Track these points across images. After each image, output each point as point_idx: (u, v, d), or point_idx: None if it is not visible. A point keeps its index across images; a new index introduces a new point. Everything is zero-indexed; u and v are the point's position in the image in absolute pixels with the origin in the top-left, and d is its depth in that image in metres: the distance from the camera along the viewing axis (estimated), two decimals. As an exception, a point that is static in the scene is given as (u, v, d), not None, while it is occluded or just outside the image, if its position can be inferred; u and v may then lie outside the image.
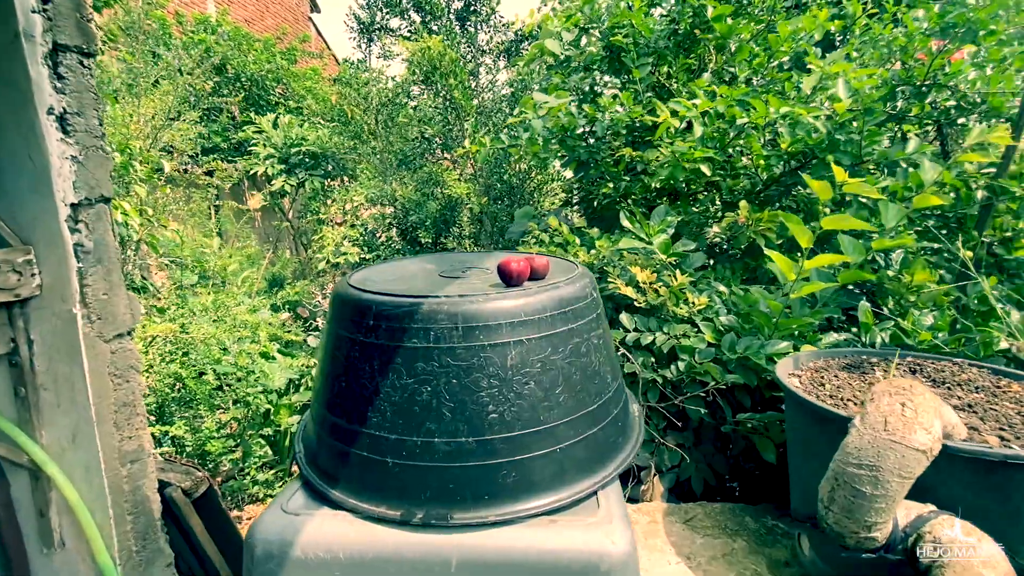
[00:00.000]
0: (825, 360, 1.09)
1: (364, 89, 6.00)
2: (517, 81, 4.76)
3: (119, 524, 0.69)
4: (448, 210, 5.27)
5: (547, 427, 0.72)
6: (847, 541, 0.68)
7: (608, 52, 2.47)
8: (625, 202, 2.91)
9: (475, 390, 0.70)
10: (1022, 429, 0.75)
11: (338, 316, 0.81)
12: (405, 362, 0.70)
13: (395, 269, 0.99)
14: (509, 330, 0.71)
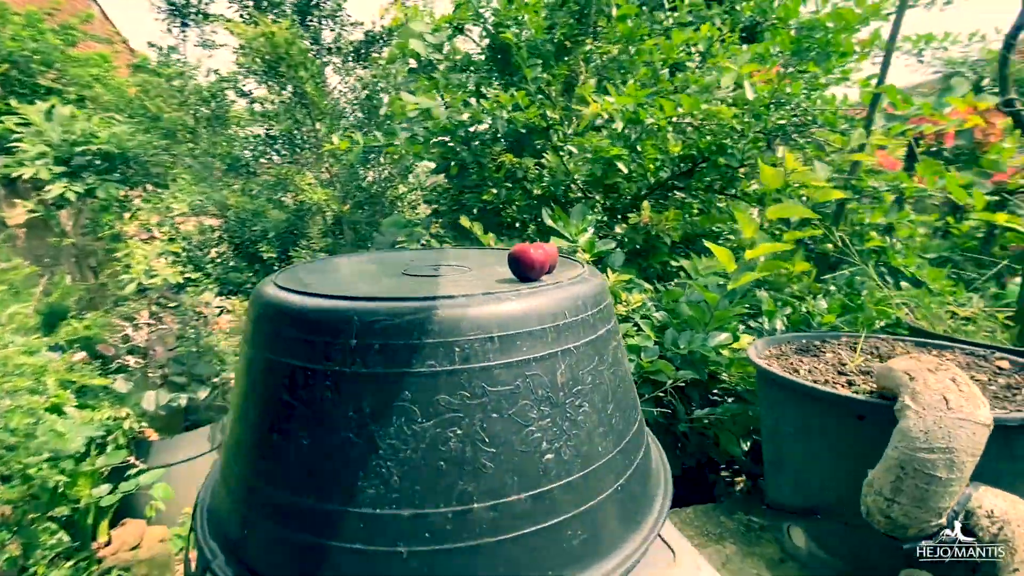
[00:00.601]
0: (777, 347, 1.11)
1: (179, 80, 5.06)
2: (372, 83, 4.44)
3: None
4: (297, 220, 4.68)
5: (607, 459, 0.55)
6: (909, 532, 0.64)
7: (492, 51, 2.39)
8: (508, 209, 2.84)
9: (523, 424, 0.49)
10: (999, 394, 0.81)
11: (276, 338, 0.53)
12: (419, 397, 0.47)
13: (328, 270, 0.72)
14: (555, 337, 0.53)
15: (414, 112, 2.58)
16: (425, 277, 0.66)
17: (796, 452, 0.90)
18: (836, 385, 0.88)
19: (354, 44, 4.78)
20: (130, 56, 8.96)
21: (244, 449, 0.55)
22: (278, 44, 3.19)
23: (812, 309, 1.47)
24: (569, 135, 2.26)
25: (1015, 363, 0.91)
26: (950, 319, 1.32)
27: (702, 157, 1.79)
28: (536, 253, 0.60)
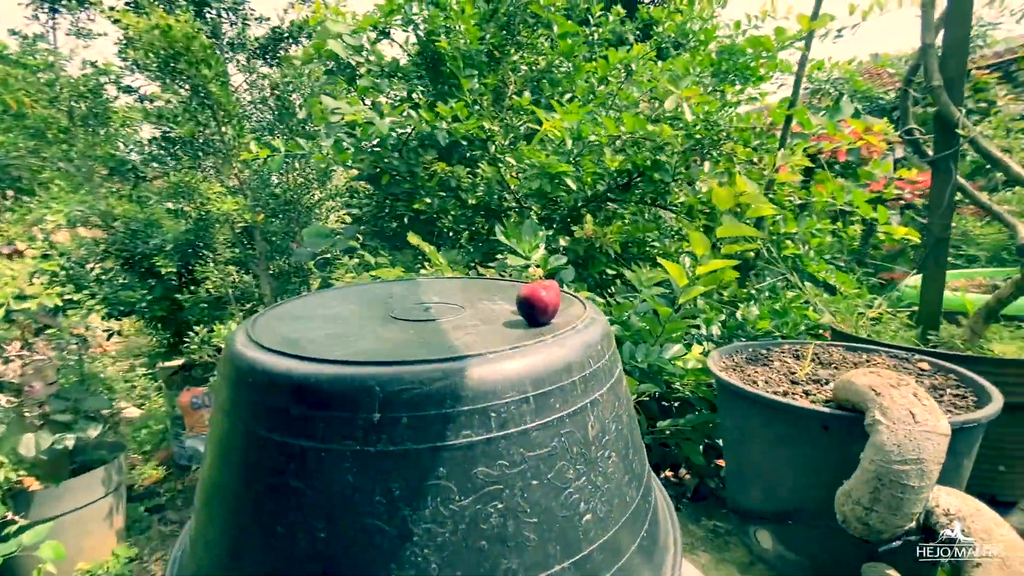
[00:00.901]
0: (730, 357, 1.18)
1: (48, 73, 4.42)
2: (283, 83, 4.14)
3: None
4: (200, 230, 4.27)
5: (633, 508, 0.54)
6: (883, 536, 0.70)
7: (423, 59, 2.32)
8: (443, 219, 2.78)
9: (562, 487, 0.47)
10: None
11: (274, 414, 0.46)
12: (456, 472, 0.43)
13: (305, 316, 0.65)
14: (583, 389, 0.51)
15: (336, 117, 2.44)
16: (423, 322, 0.61)
17: (764, 460, 0.96)
18: (795, 396, 0.95)
19: (260, 40, 4.43)
20: (-27, 39, 7.66)
21: (234, 545, 0.47)
22: (175, 39, 2.87)
23: (746, 315, 1.58)
24: (505, 146, 2.26)
25: (933, 364, 1.04)
26: (862, 320, 1.47)
27: (638, 172, 1.87)
28: (548, 295, 0.57)
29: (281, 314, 0.66)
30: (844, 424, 0.81)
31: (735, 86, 1.89)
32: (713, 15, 2.10)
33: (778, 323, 1.56)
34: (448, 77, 2.39)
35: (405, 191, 2.49)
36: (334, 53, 2.70)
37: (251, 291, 4.46)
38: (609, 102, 2.02)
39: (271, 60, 4.68)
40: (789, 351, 1.18)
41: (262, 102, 4.62)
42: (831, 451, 0.85)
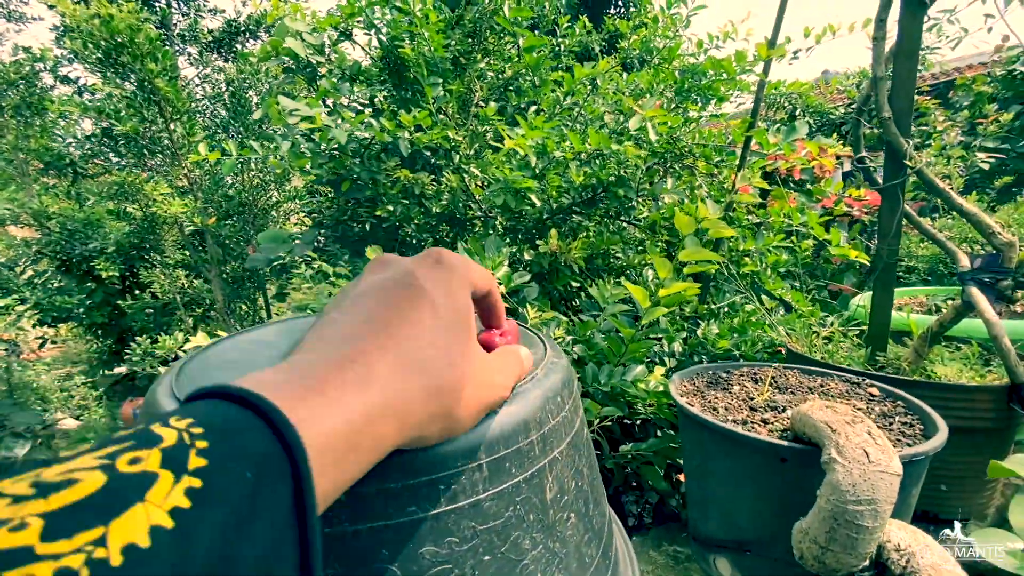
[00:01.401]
0: (691, 380, 1.18)
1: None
2: (238, 79, 3.96)
3: None
4: (146, 231, 4.04)
5: (592, 568, 0.51)
6: (839, 573, 0.71)
7: (385, 63, 2.25)
8: (407, 227, 2.72)
9: (517, 560, 0.44)
10: (879, 423, 0.93)
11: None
12: (400, 554, 0.39)
13: (234, 365, 0.59)
14: (541, 448, 0.48)
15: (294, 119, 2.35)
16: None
17: (723, 489, 0.96)
18: (754, 424, 0.95)
19: (214, 34, 4.24)
20: None
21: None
22: (118, 30, 2.69)
23: (706, 333, 1.60)
24: (471, 156, 2.22)
25: (882, 389, 1.06)
26: (815, 338, 1.51)
27: (602, 187, 1.87)
28: (503, 342, 0.53)
29: (210, 360, 0.60)
30: (801, 457, 0.82)
31: (697, 104, 1.92)
32: (677, 34, 2.13)
33: (737, 341, 1.58)
34: (412, 83, 2.34)
35: (367, 197, 2.42)
36: (293, 52, 2.60)
37: (202, 297, 4.24)
38: (574, 114, 2.01)
39: (226, 54, 4.48)
40: (748, 374, 1.19)
41: (216, 98, 4.42)
42: (788, 482, 0.85)
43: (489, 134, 2.44)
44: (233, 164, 2.12)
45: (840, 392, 1.08)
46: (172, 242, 4.31)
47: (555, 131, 1.66)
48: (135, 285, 4.29)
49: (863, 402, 1.03)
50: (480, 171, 2.21)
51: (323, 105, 2.37)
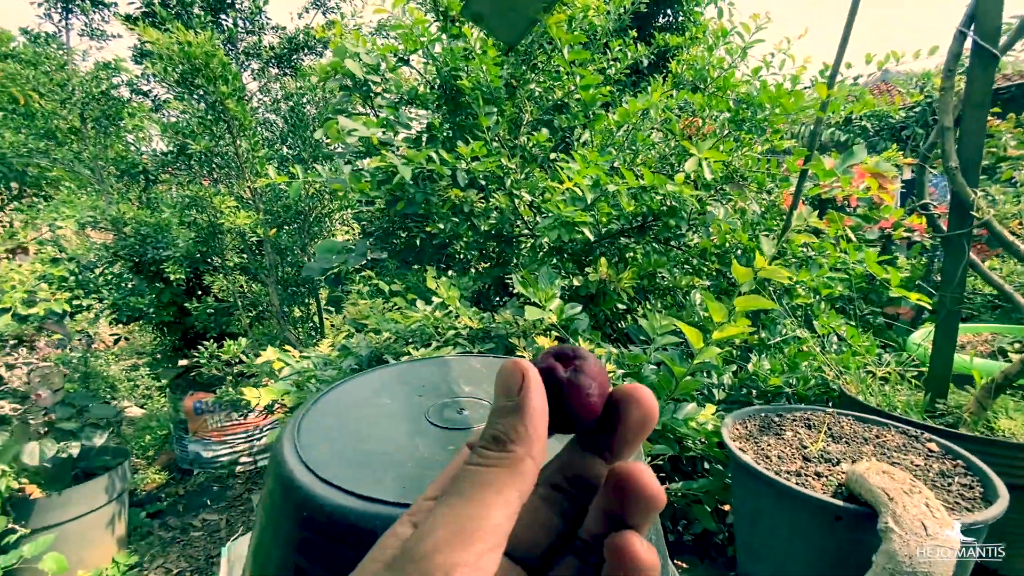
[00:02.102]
0: (743, 424, 1.21)
1: (60, 74, 4.46)
2: (298, 94, 4.18)
3: None
4: (210, 238, 4.30)
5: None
6: (893, 640, 0.73)
7: (443, 91, 2.35)
8: (456, 243, 2.82)
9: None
10: (937, 482, 0.94)
11: (322, 550, 0.49)
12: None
13: (349, 421, 0.68)
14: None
15: (354, 139, 2.48)
16: (457, 431, 0.64)
17: (775, 539, 0.99)
18: (808, 477, 0.98)
19: (275, 50, 4.47)
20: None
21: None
22: (195, 55, 2.90)
23: (758, 368, 1.61)
24: (521, 180, 2.29)
25: (941, 445, 1.06)
26: (870, 379, 1.50)
27: (653, 215, 1.90)
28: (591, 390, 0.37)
29: (326, 411, 0.69)
30: (856, 518, 0.84)
31: (751, 134, 1.92)
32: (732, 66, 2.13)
33: (788, 378, 1.59)
34: (466, 107, 2.42)
35: (420, 215, 2.53)
36: (351, 72, 2.74)
37: (259, 299, 4.48)
38: (626, 144, 2.05)
39: (285, 69, 4.71)
40: (801, 419, 1.21)
41: (275, 111, 4.65)
42: (842, 540, 0.88)
43: (539, 159, 2.51)
44: (299, 187, 2.27)
45: (897, 445, 1.08)
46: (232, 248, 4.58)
47: (607, 164, 1.71)
48: (198, 287, 4.57)
49: (921, 458, 1.03)
50: (529, 193, 2.28)
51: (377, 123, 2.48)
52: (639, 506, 0.22)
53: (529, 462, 0.20)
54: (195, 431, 4.21)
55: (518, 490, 0.20)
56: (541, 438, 0.21)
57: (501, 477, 0.19)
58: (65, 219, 3.88)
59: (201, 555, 3.03)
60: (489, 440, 0.21)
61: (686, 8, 4.55)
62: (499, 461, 0.20)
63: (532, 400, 0.21)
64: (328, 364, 1.70)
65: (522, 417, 0.21)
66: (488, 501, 0.19)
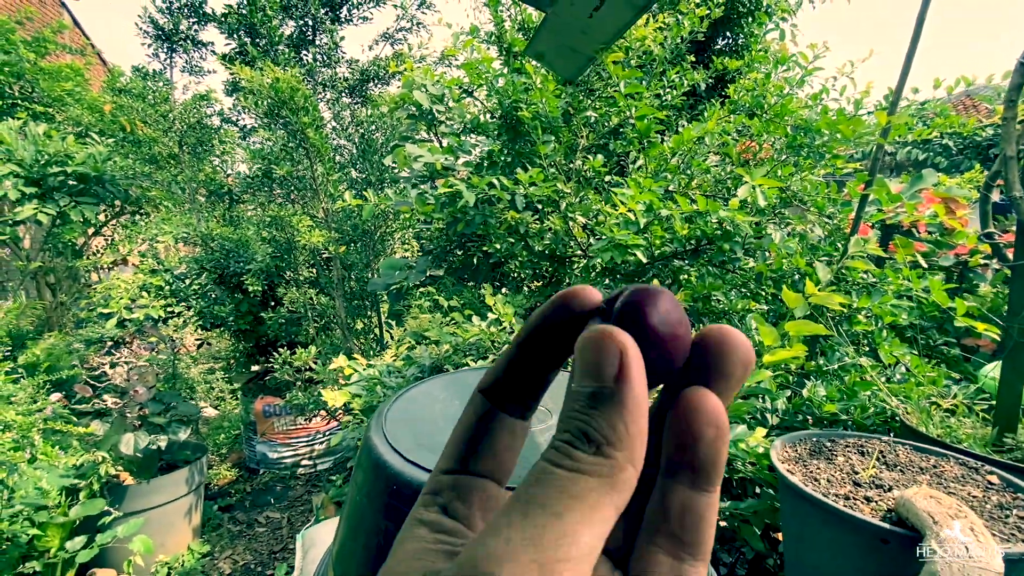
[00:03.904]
0: (793, 447, 1.22)
1: (164, 106, 5.01)
2: (368, 122, 4.50)
3: None
4: (285, 253, 4.66)
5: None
6: (938, 663, 0.74)
7: (503, 120, 2.50)
8: (511, 262, 2.93)
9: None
10: (993, 514, 0.93)
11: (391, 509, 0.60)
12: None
13: (424, 419, 0.79)
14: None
15: (419, 165, 2.66)
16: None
17: (822, 560, 1.00)
18: (856, 501, 0.99)
19: (348, 81, 4.86)
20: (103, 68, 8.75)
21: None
22: (281, 90, 3.23)
23: (812, 395, 1.60)
24: (575, 203, 2.39)
25: (1003, 478, 1.04)
26: (933, 410, 1.46)
27: (707, 239, 1.93)
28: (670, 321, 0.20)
29: (404, 408, 0.80)
30: (902, 541, 0.85)
31: (809, 159, 1.93)
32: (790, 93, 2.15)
33: (846, 405, 1.57)
34: (525, 135, 2.56)
35: (477, 234, 2.67)
36: (418, 102, 2.94)
37: (326, 311, 4.79)
38: (680, 169, 2.10)
39: (357, 98, 5.10)
40: (854, 446, 1.21)
41: (347, 138, 5.02)
42: (888, 564, 0.89)
43: (594, 180, 2.60)
44: (372, 210, 2.47)
45: (955, 476, 1.06)
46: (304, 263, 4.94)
47: (660, 189, 1.77)
48: (271, 299, 4.95)
49: (980, 490, 1.01)
50: (583, 216, 2.36)
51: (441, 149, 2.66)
52: (727, 366, 0.19)
53: (630, 471, 0.17)
54: (263, 433, 4.51)
55: (615, 507, 0.16)
56: (643, 438, 0.17)
57: (596, 489, 0.16)
58: (164, 234, 4.34)
59: (264, 550, 3.24)
60: (578, 436, 0.17)
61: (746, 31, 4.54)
62: (594, 469, 0.16)
63: (636, 388, 0.17)
64: (393, 372, 1.84)
65: (623, 412, 0.17)
66: (579, 518, 0.15)
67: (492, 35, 2.76)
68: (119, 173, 4.95)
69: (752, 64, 2.92)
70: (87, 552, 2.41)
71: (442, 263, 3.51)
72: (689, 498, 0.18)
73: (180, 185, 5.64)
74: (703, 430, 0.18)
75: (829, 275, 1.36)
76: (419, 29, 5.70)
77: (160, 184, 5.01)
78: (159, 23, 5.11)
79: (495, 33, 2.72)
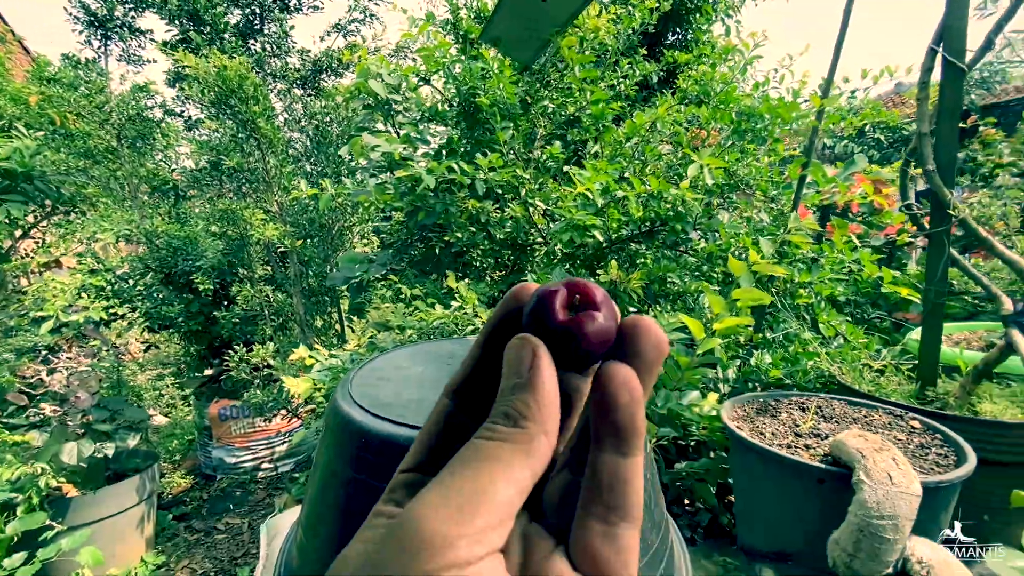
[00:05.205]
0: (742, 407, 1.31)
1: (99, 97, 4.74)
2: (322, 113, 4.40)
3: None
4: (238, 250, 4.51)
5: (653, 551, 0.68)
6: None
7: (461, 108, 2.51)
8: (473, 251, 2.95)
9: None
10: (915, 453, 1.03)
11: (362, 461, 0.61)
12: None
13: (388, 380, 0.80)
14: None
15: (376, 155, 2.64)
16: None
17: (768, 505, 1.08)
18: (797, 449, 1.08)
19: (300, 72, 4.72)
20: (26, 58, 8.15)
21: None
22: (229, 78, 3.12)
23: (759, 362, 1.71)
24: (535, 189, 2.43)
25: (923, 423, 1.15)
26: (865, 371, 1.59)
27: (660, 220, 2.02)
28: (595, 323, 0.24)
29: (369, 374, 0.82)
30: (836, 479, 0.94)
31: (753, 144, 2.04)
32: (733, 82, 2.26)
33: (790, 370, 1.68)
34: (483, 123, 2.59)
35: (438, 224, 2.67)
36: (374, 92, 2.91)
37: (283, 308, 4.67)
38: (634, 154, 2.18)
39: (309, 89, 4.96)
40: (796, 403, 1.31)
41: (300, 130, 4.89)
42: (825, 500, 0.97)
43: (551, 169, 2.65)
44: (329, 199, 2.43)
45: (883, 423, 1.17)
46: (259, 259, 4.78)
47: (616, 172, 1.84)
48: (224, 297, 4.77)
49: (904, 433, 1.12)
50: (543, 203, 2.41)
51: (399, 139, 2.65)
52: (639, 347, 0.21)
53: (543, 439, 0.20)
54: (219, 437, 4.35)
55: (530, 469, 0.19)
56: (554, 415, 0.20)
57: (511, 452, 0.19)
58: (104, 232, 4.11)
59: (224, 556, 3.14)
60: (500, 415, 0.20)
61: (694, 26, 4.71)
62: (509, 436, 0.19)
63: (544, 377, 0.21)
64: (356, 360, 1.83)
65: (533, 392, 0.20)
66: (495, 475, 0.18)
67: (448, 23, 2.77)
68: (50, 169, 4.64)
69: (700, 58, 3.04)
70: (28, 568, 2.28)
71: (403, 256, 3.49)
72: (615, 463, 0.20)
73: (120, 181, 5.33)
74: (617, 394, 0.20)
75: (772, 248, 1.45)
76: (372, 21, 5.60)
77: (97, 181, 4.74)
78: (91, 8, 4.81)
79: (451, 20, 2.73)
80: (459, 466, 0.19)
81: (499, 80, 2.09)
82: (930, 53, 1.25)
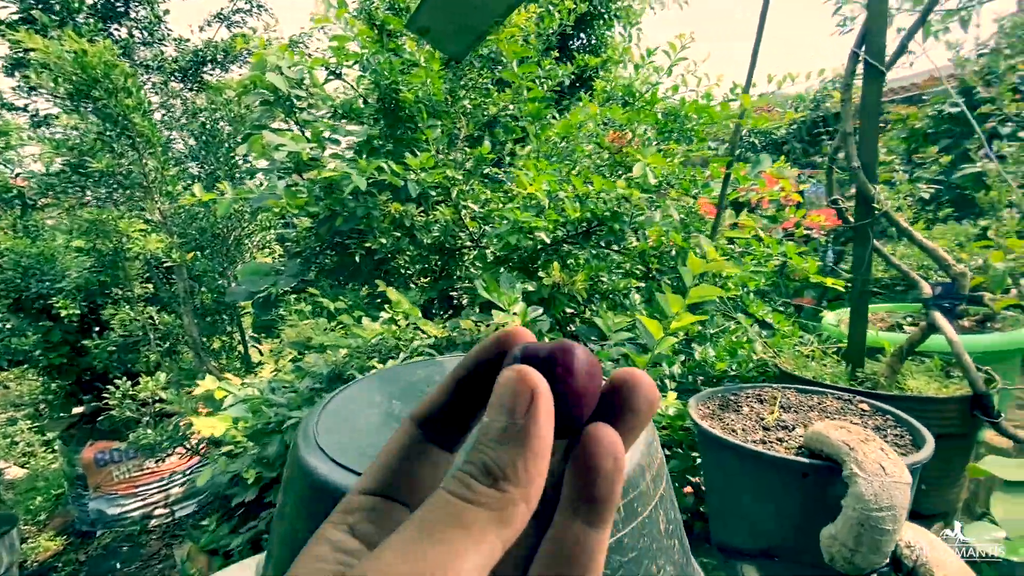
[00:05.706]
0: (705, 404, 1.30)
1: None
2: (209, 110, 3.91)
3: None
4: (110, 266, 3.89)
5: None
6: (865, 571, 0.83)
7: (382, 104, 2.32)
8: (398, 258, 2.77)
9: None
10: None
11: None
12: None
13: (354, 420, 0.66)
14: (653, 485, 0.57)
15: (281, 155, 2.39)
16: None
17: (748, 503, 1.08)
18: (771, 443, 1.08)
19: (180, 63, 4.16)
20: None
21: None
22: (91, 65, 2.64)
23: (704, 356, 1.74)
24: (465, 191, 2.32)
25: (871, 405, 1.22)
26: (802, 358, 1.68)
27: (597, 220, 2.00)
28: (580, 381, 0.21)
29: (335, 413, 0.67)
30: (821, 472, 0.94)
31: (679, 143, 2.10)
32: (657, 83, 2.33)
33: (731, 362, 1.73)
34: (406, 120, 2.42)
35: (358, 230, 2.46)
36: (273, 85, 2.63)
37: (172, 331, 4.09)
38: (565, 155, 2.15)
39: (192, 84, 4.40)
40: (753, 395, 1.33)
41: (181, 128, 4.33)
42: (809, 494, 0.97)
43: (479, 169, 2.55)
44: (229, 205, 2.13)
45: (836, 409, 1.22)
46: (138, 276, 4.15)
47: (555, 172, 1.79)
48: (95, 323, 4.08)
49: (857, 417, 1.18)
50: (475, 204, 2.31)
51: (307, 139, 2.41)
52: (634, 403, 0.20)
53: (523, 508, 0.17)
54: (97, 486, 3.72)
55: (503, 540, 0.16)
56: (540, 481, 0.17)
57: (486, 520, 0.16)
58: (-78, 251, 3.35)
59: (119, 624, 2.69)
60: (479, 467, 0.17)
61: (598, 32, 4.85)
62: (486, 501, 0.16)
63: (542, 429, 0.17)
64: (279, 388, 1.60)
65: (525, 451, 0.17)
66: (459, 549, 0.15)
67: (362, 10, 2.56)
68: None
69: (609, 60, 3.11)
70: None
71: (313, 266, 3.19)
72: (584, 534, 0.18)
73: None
74: (602, 461, 0.18)
75: (710, 246, 1.48)
76: (260, 12, 5.13)
77: (-91, 188, 3.87)
78: None
79: (364, 9, 2.53)
80: (425, 526, 0.16)
81: (426, 74, 1.95)
82: (852, 56, 1.33)
